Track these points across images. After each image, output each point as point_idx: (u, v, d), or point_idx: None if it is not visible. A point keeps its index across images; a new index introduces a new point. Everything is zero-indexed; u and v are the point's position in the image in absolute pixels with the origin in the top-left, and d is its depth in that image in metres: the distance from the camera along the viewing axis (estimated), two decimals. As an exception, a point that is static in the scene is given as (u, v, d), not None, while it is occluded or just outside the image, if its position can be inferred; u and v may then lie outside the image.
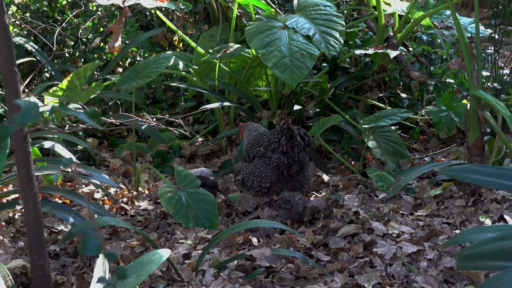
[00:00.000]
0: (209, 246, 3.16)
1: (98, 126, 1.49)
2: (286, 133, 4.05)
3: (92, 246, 1.44)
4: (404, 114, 4.60)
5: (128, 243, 3.59)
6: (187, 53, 5.19)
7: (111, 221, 3.19)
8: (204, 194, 3.98)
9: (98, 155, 5.61)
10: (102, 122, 3.52)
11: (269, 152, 4.13)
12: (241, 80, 5.34)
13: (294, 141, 4.05)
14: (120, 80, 4.88)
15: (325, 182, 4.69)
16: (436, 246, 3.27)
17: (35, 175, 2.78)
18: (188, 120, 6.61)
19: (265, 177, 4.16)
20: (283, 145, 4.07)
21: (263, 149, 4.17)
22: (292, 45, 4.56)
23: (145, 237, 3.14)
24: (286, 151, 4.07)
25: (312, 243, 3.47)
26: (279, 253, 3.12)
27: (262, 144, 4.20)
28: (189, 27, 7.41)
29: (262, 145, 4.20)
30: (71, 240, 3.66)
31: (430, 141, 5.55)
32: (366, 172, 4.38)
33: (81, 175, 3.69)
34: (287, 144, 4.06)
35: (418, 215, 3.81)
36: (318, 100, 5.21)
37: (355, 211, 3.73)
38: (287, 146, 4.06)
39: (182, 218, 3.81)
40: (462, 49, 3.91)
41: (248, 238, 3.54)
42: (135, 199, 4.57)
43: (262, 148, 4.18)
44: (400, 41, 5.40)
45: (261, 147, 4.19)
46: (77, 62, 7.26)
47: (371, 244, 3.36)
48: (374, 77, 5.46)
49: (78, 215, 3.52)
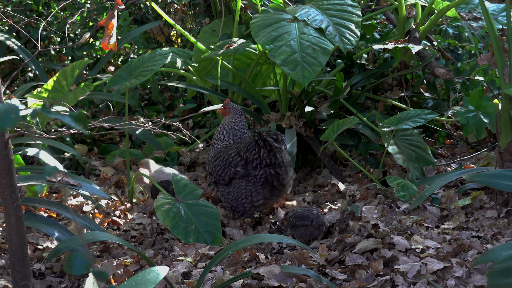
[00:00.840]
0: (212, 263, 3.15)
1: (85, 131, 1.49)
2: (263, 145, 4.11)
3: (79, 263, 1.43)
4: (429, 115, 4.59)
5: (121, 261, 3.58)
6: (186, 50, 5.20)
7: (102, 236, 3.18)
8: (206, 205, 3.97)
9: (87, 163, 5.61)
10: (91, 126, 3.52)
11: (252, 170, 4.19)
12: (246, 79, 5.34)
13: (273, 149, 4.12)
14: (112, 80, 4.89)
15: (340, 192, 4.68)
16: (465, 262, 3.25)
17: (17, 185, 2.78)
18: (187, 123, 6.61)
19: (256, 194, 4.21)
20: (265, 158, 4.14)
21: (241, 169, 4.23)
22: (303, 39, 4.55)
23: (140, 254, 3.13)
24: (270, 163, 4.15)
25: (327, 259, 3.46)
26: (290, 271, 3.11)
27: (237, 164, 4.24)
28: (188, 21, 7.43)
29: (237, 164, 4.24)
30: (58, 258, 3.66)
31: (457, 146, 5.54)
32: (386, 180, 4.37)
33: (69, 186, 3.68)
34: (269, 156, 4.13)
35: (444, 228, 3.80)
36: (332, 101, 5.20)
37: (374, 224, 3.72)
38: (270, 158, 4.14)
39: (181, 233, 3.80)
40: (492, 43, 3.90)
41: (255, 254, 3.53)
42: (128, 212, 4.57)
43: (240, 168, 4.23)
44: (423, 34, 5.39)
45: (237, 167, 4.24)
46: (64, 60, 7.28)
47: (392, 261, 3.35)
48: (394, 74, 5.45)
49: (65, 230, 3.51)
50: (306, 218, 3.87)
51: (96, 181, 5.25)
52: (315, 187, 5.00)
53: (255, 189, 4.19)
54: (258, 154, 4.13)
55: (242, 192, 4.22)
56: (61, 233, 3.49)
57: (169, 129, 6.32)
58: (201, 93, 6.73)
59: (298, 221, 3.89)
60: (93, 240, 3.17)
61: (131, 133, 5.69)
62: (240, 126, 4.49)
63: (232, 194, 4.26)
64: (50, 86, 5.08)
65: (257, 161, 4.15)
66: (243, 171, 4.21)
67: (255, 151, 4.14)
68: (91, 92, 5.66)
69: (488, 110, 4.20)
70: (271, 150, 4.11)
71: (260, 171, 4.16)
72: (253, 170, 4.18)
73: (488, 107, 4.20)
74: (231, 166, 4.25)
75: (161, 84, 7.05)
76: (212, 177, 4.38)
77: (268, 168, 4.15)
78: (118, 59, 7.76)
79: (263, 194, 4.20)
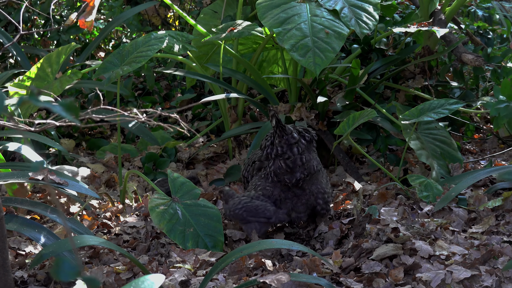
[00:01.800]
0: (213, 271, 3.17)
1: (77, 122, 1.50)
2: (276, 128, 3.98)
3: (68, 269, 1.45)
4: (454, 106, 4.57)
5: (112, 268, 3.60)
6: (184, 33, 5.21)
7: (91, 240, 3.20)
8: (206, 206, 3.99)
9: (75, 160, 5.63)
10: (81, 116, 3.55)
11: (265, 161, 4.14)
12: (252, 66, 5.35)
13: (289, 138, 3.99)
14: (102, 67, 4.91)
15: (356, 192, 4.69)
16: (495, 270, 3.26)
17: (-3, 183, 2.80)
18: (186, 115, 6.63)
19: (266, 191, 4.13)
20: (277, 145, 4.00)
21: (258, 160, 4.21)
22: (315, 22, 4.57)
23: (133, 261, 3.15)
24: (282, 152, 4.00)
25: (341, 267, 3.47)
26: (300, 279, 3.13)
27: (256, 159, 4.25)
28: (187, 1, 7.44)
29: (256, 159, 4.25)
30: (42, 264, 3.68)
31: (487, 141, 5.55)
32: (408, 179, 4.38)
33: (54, 184, 3.71)
34: (281, 142, 3.99)
35: (472, 232, 3.81)
36: (347, 90, 5.21)
37: (394, 227, 3.73)
38: (282, 145, 3.99)
39: (178, 237, 3.82)
40: (527, 26, 3.90)
41: (261, 261, 3.55)
42: (120, 214, 4.59)
43: (257, 161, 4.22)
44: (450, 16, 5.40)
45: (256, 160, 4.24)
46: (49, 45, 7.30)
47: (413, 268, 3.36)
48: (417, 61, 5.46)
49: (50, 233, 3.53)
50: (261, 214, 3.91)
51: (85, 180, 5.27)
52: (328, 186, 5.01)
53: (264, 186, 4.13)
54: (271, 141, 4.02)
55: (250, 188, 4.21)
56: (46, 237, 3.50)
57: (165, 122, 6.34)
58: (201, 81, 6.74)
59: (251, 217, 3.92)
60: (81, 245, 3.19)
61: (123, 126, 5.71)
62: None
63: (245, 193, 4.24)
64: (33, 74, 5.10)
65: (269, 148, 4.04)
66: (258, 163, 4.19)
67: (270, 137, 4.04)
68: (79, 81, 5.67)
69: (522, 100, 4.21)
70: (284, 136, 3.97)
71: (270, 162, 4.07)
72: (265, 160, 4.13)
73: (523, 97, 4.21)
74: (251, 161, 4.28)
75: (157, 72, 7.07)
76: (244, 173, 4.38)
77: (278, 160, 4.02)
78: (109, 43, 7.79)
79: (272, 192, 4.09)
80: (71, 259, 3.30)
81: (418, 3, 5.63)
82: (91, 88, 6.32)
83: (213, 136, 6.18)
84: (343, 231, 4.03)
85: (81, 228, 3.68)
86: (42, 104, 1.46)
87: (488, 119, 5.86)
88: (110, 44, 7.80)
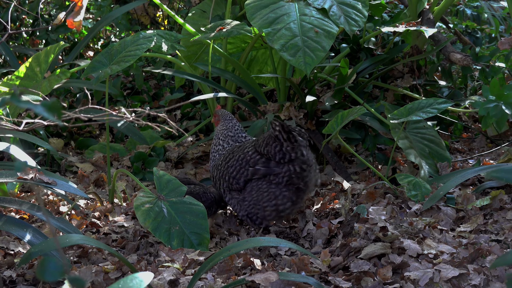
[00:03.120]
0: (201, 270, 3.16)
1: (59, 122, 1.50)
2: (287, 136, 3.99)
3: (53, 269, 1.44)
4: (442, 105, 4.58)
5: (101, 267, 3.59)
6: (173, 32, 5.21)
7: (79, 240, 3.19)
8: (191, 203, 3.97)
9: (63, 159, 5.62)
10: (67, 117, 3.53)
11: (275, 167, 4.06)
12: (241, 65, 5.34)
13: (300, 142, 4.02)
14: (91, 66, 4.89)
15: (345, 191, 4.69)
16: (483, 269, 3.27)
17: (-15, 183, 2.79)
18: (175, 115, 6.62)
19: (282, 197, 4.08)
20: (290, 152, 4.02)
21: (262, 166, 4.10)
22: (304, 21, 4.57)
23: (122, 260, 3.14)
24: (295, 158, 4.03)
25: (329, 265, 3.47)
26: (288, 278, 3.13)
27: (256, 162, 4.12)
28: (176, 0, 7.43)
29: (256, 162, 4.12)
30: (31, 264, 3.66)
31: (475, 140, 5.56)
32: (396, 178, 4.39)
33: (42, 184, 3.69)
34: (294, 149, 4.02)
35: (460, 231, 3.81)
36: (336, 90, 5.22)
37: (382, 226, 3.73)
38: (296, 151, 4.02)
39: (164, 235, 3.81)
40: (514, 25, 3.91)
41: (250, 260, 3.54)
42: (109, 213, 4.58)
43: (260, 166, 4.11)
44: (438, 15, 5.41)
45: (257, 165, 4.12)
46: (38, 44, 7.28)
47: (402, 267, 3.36)
48: (405, 60, 5.46)
49: (39, 232, 3.52)
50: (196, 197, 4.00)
51: (73, 179, 5.26)
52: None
53: (280, 191, 4.07)
54: (280, 147, 4.01)
55: (263, 196, 4.10)
56: (34, 236, 3.49)
57: (154, 121, 6.34)
58: (190, 81, 6.73)
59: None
60: (70, 244, 3.18)
61: (112, 126, 5.70)
62: (235, 132, 4.42)
63: (250, 199, 4.15)
64: (22, 73, 5.08)
65: (279, 154, 4.02)
66: (264, 169, 4.09)
67: (275, 143, 4.01)
68: (68, 80, 5.65)
69: (511, 100, 4.20)
70: (295, 142, 3.98)
71: (284, 167, 4.04)
72: (276, 167, 4.06)
73: (511, 97, 4.20)
74: (248, 165, 4.14)
75: (146, 71, 7.06)
76: (224, 182, 4.25)
77: (293, 165, 4.03)
78: (98, 42, 7.77)
79: (289, 197, 4.08)
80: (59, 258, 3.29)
81: (407, 3, 5.64)
82: (80, 87, 6.30)
83: (202, 135, 6.17)
84: (331, 230, 4.03)
85: (70, 228, 3.67)
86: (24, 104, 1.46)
87: (477, 118, 5.87)
88: (99, 43, 7.78)
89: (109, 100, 6.59)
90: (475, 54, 5.36)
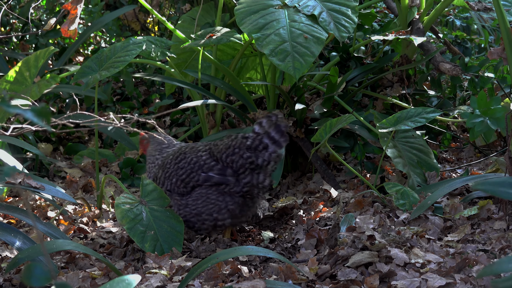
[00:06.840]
0: (189, 277, 3.16)
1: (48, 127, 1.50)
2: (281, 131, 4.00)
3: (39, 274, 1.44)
4: (431, 114, 4.58)
5: (88, 273, 3.59)
6: (163, 39, 5.21)
7: (67, 245, 3.19)
8: (171, 216, 3.98)
9: (52, 164, 5.61)
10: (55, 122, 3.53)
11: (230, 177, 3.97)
12: (231, 72, 5.35)
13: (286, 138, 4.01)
14: (80, 72, 4.89)
15: (333, 199, 4.70)
16: (470, 278, 3.28)
17: (-28, 187, 2.79)
18: (164, 121, 6.62)
19: (225, 212, 4.01)
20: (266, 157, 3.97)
21: (216, 174, 3.99)
22: (294, 27, 4.57)
23: (109, 266, 3.14)
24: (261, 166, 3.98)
25: (316, 274, 3.47)
26: (275, 286, 3.13)
27: (211, 168, 4.02)
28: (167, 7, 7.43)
29: (211, 168, 4.02)
30: (18, 269, 3.65)
31: (464, 150, 5.57)
32: (385, 187, 4.39)
33: (30, 188, 3.69)
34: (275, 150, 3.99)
35: (448, 240, 3.82)
36: (325, 98, 5.22)
37: (370, 235, 3.73)
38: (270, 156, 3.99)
39: (138, 236, 3.82)
40: (503, 36, 3.92)
41: (237, 267, 3.54)
42: (97, 219, 4.57)
43: (214, 173, 4.00)
44: (428, 25, 5.42)
45: (210, 172, 4.02)
46: (27, 49, 7.27)
47: (389, 276, 3.37)
48: (395, 69, 5.47)
49: (26, 238, 3.51)
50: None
51: (62, 184, 5.25)
52: (306, 193, 5.01)
53: (225, 204, 3.99)
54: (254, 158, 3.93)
55: (208, 208, 4.02)
56: (21, 241, 3.48)
57: (143, 127, 6.33)
58: (180, 87, 6.73)
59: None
60: (57, 249, 3.18)
61: (101, 131, 5.69)
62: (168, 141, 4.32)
63: (194, 208, 4.06)
64: (11, 78, 5.07)
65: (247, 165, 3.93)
66: (218, 178, 3.99)
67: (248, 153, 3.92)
68: (57, 85, 5.66)
69: (497, 115, 4.18)
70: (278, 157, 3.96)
71: (245, 178, 3.98)
72: (231, 177, 3.98)
73: (497, 112, 4.18)
74: (201, 171, 4.02)
75: (136, 77, 7.05)
76: (169, 183, 4.13)
77: (254, 173, 3.97)
78: (88, 48, 7.76)
79: (232, 210, 3.99)
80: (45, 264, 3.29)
81: (397, 12, 5.65)
82: (69, 92, 6.30)
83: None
84: (320, 238, 4.03)
85: (57, 233, 3.67)
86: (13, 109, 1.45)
87: (465, 128, 5.89)
88: (89, 48, 7.77)
89: (99, 105, 6.59)
90: (464, 64, 5.37)
